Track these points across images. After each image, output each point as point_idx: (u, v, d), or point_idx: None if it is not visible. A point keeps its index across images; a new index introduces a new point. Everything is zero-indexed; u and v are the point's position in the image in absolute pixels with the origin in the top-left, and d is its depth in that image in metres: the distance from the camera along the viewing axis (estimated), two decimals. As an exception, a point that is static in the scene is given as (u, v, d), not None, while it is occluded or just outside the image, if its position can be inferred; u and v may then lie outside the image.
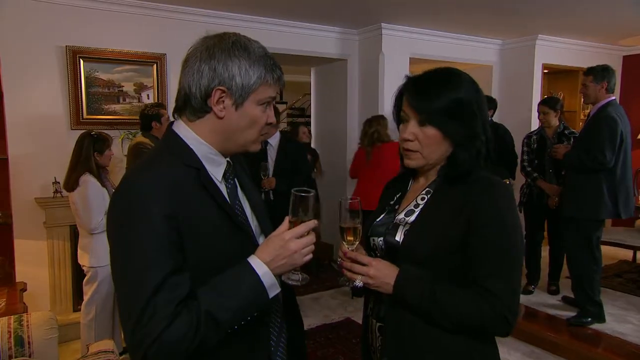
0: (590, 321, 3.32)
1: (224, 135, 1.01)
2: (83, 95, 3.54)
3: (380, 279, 1.09)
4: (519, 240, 1.08)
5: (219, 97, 0.97)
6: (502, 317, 1.04)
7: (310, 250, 0.99)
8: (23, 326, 2.12)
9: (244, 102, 0.98)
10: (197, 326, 0.87)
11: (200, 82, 0.97)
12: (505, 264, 1.05)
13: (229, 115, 0.99)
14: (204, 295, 0.89)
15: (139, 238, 0.88)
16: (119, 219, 0.91)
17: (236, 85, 0.97)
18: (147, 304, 0.84)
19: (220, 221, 0.97)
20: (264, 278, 0.94)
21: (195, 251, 0.92)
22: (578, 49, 5.37)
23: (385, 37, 4.55)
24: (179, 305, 0.86)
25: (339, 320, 3.69)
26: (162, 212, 0.89)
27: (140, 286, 0.86)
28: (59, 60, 3.46)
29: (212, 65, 0.96)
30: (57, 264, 3.45)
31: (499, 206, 1.07)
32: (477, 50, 5.22)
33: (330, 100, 5.25)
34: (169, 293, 0.86)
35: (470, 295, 1.05)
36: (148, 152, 1.08)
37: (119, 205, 0.93)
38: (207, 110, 0.99)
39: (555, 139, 3.73)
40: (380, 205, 1.29)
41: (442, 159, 1.15)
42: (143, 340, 0.84)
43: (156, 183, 0.91)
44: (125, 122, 3.68)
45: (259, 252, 0.97)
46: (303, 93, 8.74)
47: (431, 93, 1.10)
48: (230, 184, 1.07)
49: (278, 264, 0.96)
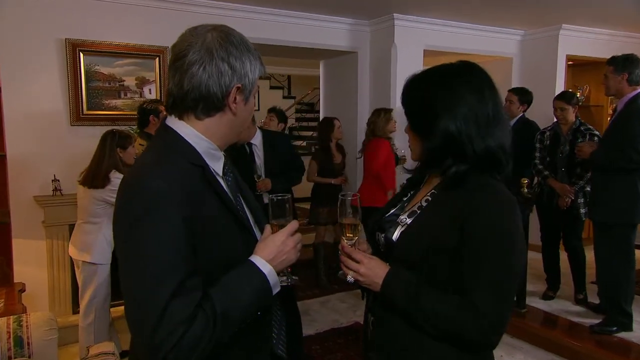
0: (617, 330, 3.29)
1: (233, 130, 1.09)
2: (83, 90, 3.62)
3: (370, 277, 1.14)
4: (515, 252, 1.07)
5: (235, 94, 1.03)
6: (484, 333, 1.06)
7: (300, 247, 1.09)
8: (22, 327, 2.19)
9: (249, 96, 1.07)
10: (214, 327, 0.91)
11: (221, 81, 1.01)
12: (497, 280, 1.06)
13: (240, 111, 1.06)
14: (217, 296, 0.94)
15: (155, 239, 0.90)
16: (131, 219, 0.93)
17: (248, 81, 1.05)
18: (165, 308, 0.88)
19: (225, 219, 1.03)
20: (269, 276, 1.01)
21: (205, 250, 0.97)
22: (605, 39, 5.30)
23: (397, 28, 4.57)
24: (196, 307, 0.91)
25: (348, 324, 3.72)
26: (180, 213, 0.92)
27: (157, 290, 0.89)
28: (58, 54, 3.53)
29: (232, 63, 1.01)
30: (56, 264, 3.53)
31: (494, 215, 1.07)
32: (496, 41, 5.21)
33: (340, 95, 5.29)
34: (186, 296, 0.90)
35: (456, 306, 1.07)
36: (149, 149, 1.11)
37: (131, 204, 0.94)
38: (221, 108, 1.04)
39: (570, 135, 3.68)
40: (395, 199, 1.34)
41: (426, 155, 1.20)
42: (162, 344, 0.87)
43: (170, 182, 0.94)
44: (126, 117, 3.74)
45: (259, 251, 1.03)
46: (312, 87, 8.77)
47: (421, 90, 1.18)
48: (230, 178, 1.14)
49: (279, 260, 1.04)
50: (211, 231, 0.99)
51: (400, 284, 1.12)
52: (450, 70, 1.17)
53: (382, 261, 1.17)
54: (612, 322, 3.31)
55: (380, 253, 1.23)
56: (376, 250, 1.25)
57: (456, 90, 1.12)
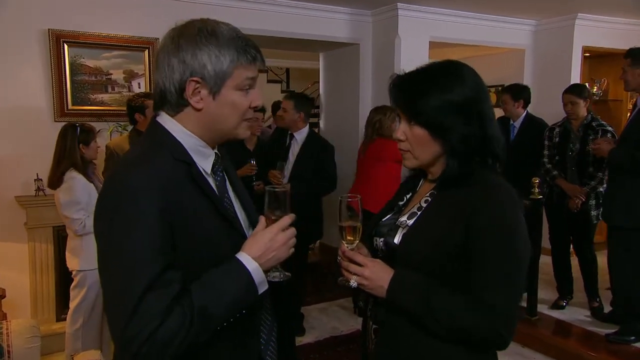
0: (634, 339, 3.29)
1: (207, 127, 1.09)
2: (67, 83, 3.64)
3: (375, 281, 1.16)
4: (522, 249, 1.12)
5: (194, 89, 1.04)
6: (496, 331, 1.10)
7: (293, 244, 1.10)
8: (2, 334, 2.21)
9: (220, 89, 1.05)
10: (191, 323, 0.94)
11: (173, 77, 1.04)
12: (504, 274, 1.10)
13: (207, 106, 1.06)
14: (196, 292, 0.97)
15: (131, 232, 0.94)
16: (109, 214, 0.98)
17: (209, 74, 1.03)
18: (139, 301, 0.90)
19: (210, 216, 1.05)
20: (254, 274, 1.03)
21: (186, 246, 1.00)
22: (625, 28, 5.27)
23: (401, 18, 4.58)
24: (172, 301, 0.93)
25: (348, 332, 3.72)
26: (156, 206, 0.95)
27: (132, 283, 0.92)
28: (40, 46, 3.55)
29: (181, 57, 1.03)
30: (39, 269, 3.54)
31: (498, 211, 1.11)
32: (507, 32, 5.22)
33: (340, 89, 5.30)
34: (162, 289, 0.93)
35: (465, 305, 1.10)
36: (134, 145, 1.17)
37: (109, 200, 0.99)
38: (184, 104, 1.06)
39: (581, 132, 3.65)
40: (390, 204, 1.36)
41: (437, 158, 1.21)
42: (135, 337, 0.90)
43: (149, 177, 0.98)
44: (114, 113, 3.77)
45: (246, 248, 1.06)
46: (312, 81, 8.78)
47: (416, 90, 1.17)
48: (219, 177, 1.16)
49: (267, 257, 1.05)
50: (194, 228, 1.01)
51: (408, 285, 1.14)
52: (467, 69, 1.20)
53: (385, 264, 1.19)
54: (629, 331, 3.30)
55: (380, 259, 1.24)
56: (374, 256, 1.27)
57: (481, 90, 1.19)
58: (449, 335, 1.12)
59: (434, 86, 1.16)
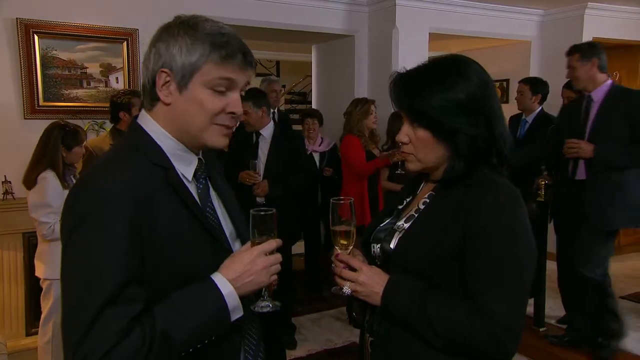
0: None
1: (176, 125, 1.09)
2: (39, 78, 3.63)
3: (370, 287, 1.18)
4: (524, 250, 1.13)
5: (164, 81, 1.06)
6: (497, 340, 1.09)
7: (277, 270, 1.10)
8: (-34, 351, 2.21)
9: (187, 83, 1.05)
10: (150, 347, 0.92)
11: (148, 67, 1.08)
12: (504, 279, 1.11)
13: (175, 101, 1.07)
14: (160, 313, 0.96)
15: (94, 244, 0.94)
16: (73, 221, 0.98)
17: (177, 66, 1.05)
18: (96, 316, 0.90)
19: (189, 226, 1.05)
20: (227, 298, 1.02)
21: (158, 259, 1.00)
22: (637, 18, 5.34)
23: (399, 8, 4.62)
24: (132, 321, 0.92)
25: (343, 344, 3.75)
26: (125, 215, 0.96)
27: (89, 297, 0.91)
28: (8, 36, 3.54)
29: (158, 47, 1.07)
30: (7, 279, 3.52)
31: (496, 211, 1.12)
32: (513, 23, 5.28)
33: (334, 84, 5.34)
34: (122, 307, 0.92)
35: (464, 313, 1.11)
36: (111, 148, 1.19)
37: (75, 206, 0.99)
38: (156, 98, 1.09)
39: None
40: (388, 209, 1.39)
41: (443, 161, 1.22)
42: (88, 356, 0.89)
43: (120, 184, 0.98)
44: (89, 110, 3.78)
45: (223, 269, 1.05)
46: (304, 75, 8.80)
47: (418, 90, 1.19)
48: (201, 184, 1.15)
49: (244, 281, 1.04)
50: (168, 239, 1.01)
51: (403, 291, 1.16)
52: (474, 65, 1.22)
53: (382, 271, 1.21)
54: None
55: (377, 266, 1.27)
56: (372, 264, 1.28)
57: (488, 87, 1.21)
58: (447, 346, 1.13)
59: (436, 85, 1.17)
